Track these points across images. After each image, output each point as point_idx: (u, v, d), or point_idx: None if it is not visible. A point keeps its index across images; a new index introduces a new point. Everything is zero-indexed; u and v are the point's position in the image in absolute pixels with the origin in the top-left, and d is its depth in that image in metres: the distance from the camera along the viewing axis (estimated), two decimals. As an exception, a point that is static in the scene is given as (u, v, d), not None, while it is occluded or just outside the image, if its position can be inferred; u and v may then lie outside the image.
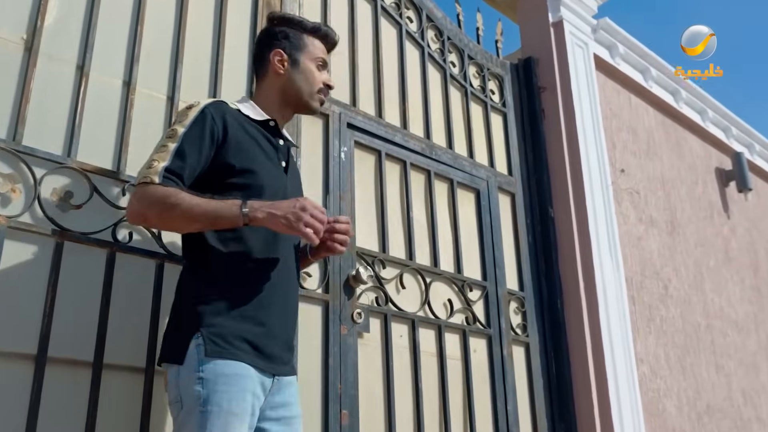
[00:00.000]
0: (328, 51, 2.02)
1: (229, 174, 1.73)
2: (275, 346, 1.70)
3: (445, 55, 3.44)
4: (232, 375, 1.55)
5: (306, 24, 1.98)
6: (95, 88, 2.11)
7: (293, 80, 1.92)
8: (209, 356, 1.56)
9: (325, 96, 1.99)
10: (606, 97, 4.12)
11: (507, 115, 3.69)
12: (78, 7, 2.14)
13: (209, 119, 1.72)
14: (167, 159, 1.64)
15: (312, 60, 1.94)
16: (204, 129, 1.71)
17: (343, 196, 2.69)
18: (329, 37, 2.01)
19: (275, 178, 1.82)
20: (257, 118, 1.87)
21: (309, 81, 1.93)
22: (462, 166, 3.28)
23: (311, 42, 1.96)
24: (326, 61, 1.98)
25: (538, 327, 3.34)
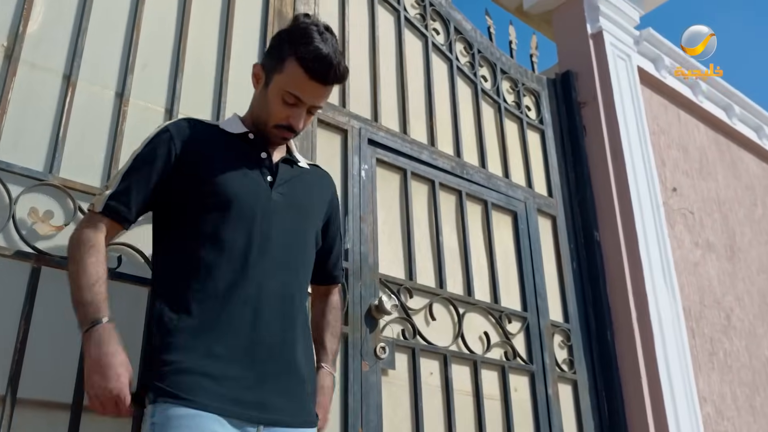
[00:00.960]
0: (326, 82, 1.55)
1: (195, 186, 1.53)
2: (260, 390, 1.43)
3: (475, 68, 3.20)
4: (186, 416, 1.31)
5: (305, 45, 1.51)
6: (83, 99, 1.91)
7: (259, 103, 1.64)
8: (161, 398, 1.33)
9: (287, 136, 1.62)
10: (652, 112, 3.82)
11: (545, 133, 3.41)
12: (67, 13, 1.96)
13: (166, 137, 1.56)
14: (114, 184, 1.52)
15: (280, 89, 1.55)
16: (157, 148, 1.55)
17: (364, 218, 2.44)
18: (320, 72, 1.51)
19: (251, 192, 1.56)
20: (234, 132, 1.65)
21: (269, 113, 1.59)
22: (497, 187, 3.01)
23: (291, 69, 1.53)
24: (300, 100, 1.55)
25: (586, 362, 3.00)
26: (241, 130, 1.64)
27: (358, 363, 2.22)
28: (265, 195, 1.58)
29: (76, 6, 1.98)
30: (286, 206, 1.62)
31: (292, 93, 1.54)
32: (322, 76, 1.53)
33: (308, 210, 1.70)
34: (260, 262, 1.52)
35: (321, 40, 1.53)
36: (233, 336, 1.44)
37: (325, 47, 1.52)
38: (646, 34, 3.82)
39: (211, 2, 2.31)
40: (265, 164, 1.63)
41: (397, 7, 2.95)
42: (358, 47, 2.73)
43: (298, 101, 1.56)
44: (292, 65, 1.53)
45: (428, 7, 3.09)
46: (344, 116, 2.53)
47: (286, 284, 1.57)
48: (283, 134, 1.61)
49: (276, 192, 1.60)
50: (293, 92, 1.54)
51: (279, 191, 1.61)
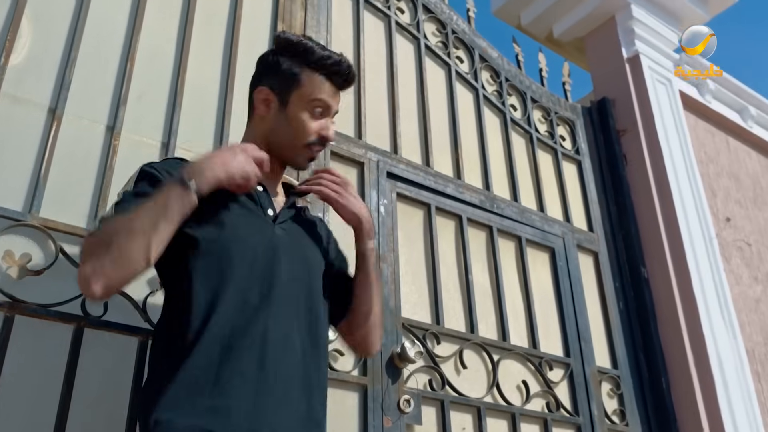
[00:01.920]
0: (339, 89, 1.50)
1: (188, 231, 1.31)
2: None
3: (503, 97, 3.01)
4: None
5: (311, 53, 1.45)
6: (69, 133, 1.76)
7: (277, 128, 1.46)
8: None
9: (320, 149, 1.50)
10: (699, 139, 3.56)
11: (582, 163, 3.18)
12: (55, 43, 1.84)
13: (155, 172, 1.35)
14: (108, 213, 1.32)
15: (306, 103, 1.44)
16: (150, 181, 1.33)
17: (384, 257, 2.22)
18: (339, 73, 1.47)
19: (252, 228, 1.37)
20: None
21: (296, 131, 1.45)
22: (531, 221, 2.77)
23: (310, 79, 1.45)
24: (329, 105, 1.47)
25: (639, 413, 2.69)
26: None
27: (379, 419, 1.98)
28: (265, 232, 1.39)
29: (65, 36, 1.86)
30: (290, 241, 1.43)
31: (320, 99, 1.45)
32: (341, 80, 1.49)
33: (313, 251, 1.50)
34: (267, 305, 1.32)
35: (320, 47, 1.48)
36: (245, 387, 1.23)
37: (331, 52, 1.48)
38: (687, 57, 3.59)
39: (214, 31, 2.17)
40: (264, 199, 1.44)
41: (416, 35, 2.79)
42: (374, 76, 2.56)
43: (326, 108, 1.47)
44: (310, 75, 1.45)
45: (450, 35, 2.93)
46: (360, 148, 2.35)
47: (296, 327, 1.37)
48: (313, 152, 1.49)
49: (279, 228, 1.42)
50: (321, 98, 1.45)
51: (281, 227, 1.43)
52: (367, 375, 2.01)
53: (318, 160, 2.20)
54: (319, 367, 1.39)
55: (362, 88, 2.47)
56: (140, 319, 1.67)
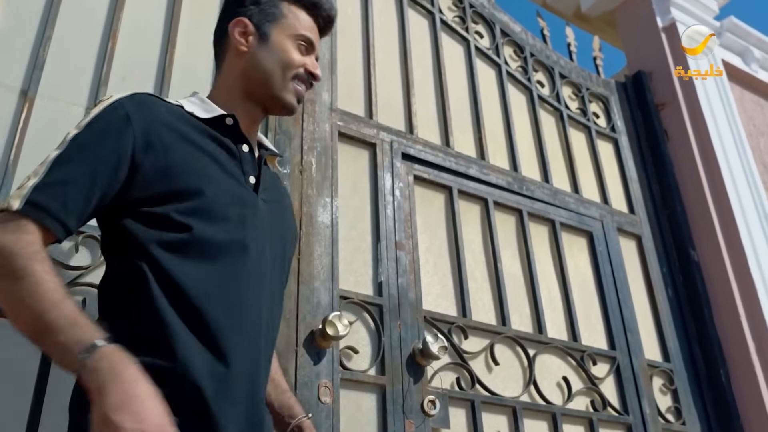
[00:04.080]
0: (321, 30, 1.37)
1: (160, 200, 1.07)
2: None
3: (529, 74, 2.78)
4: None
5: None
6: (43, 116, 1.61)
7: (259, 61, 1.27)
8: None
9: (307, 87, 1.31)
10: (746, 111, 3.28)
11: (618, 141, 2.93)
12: (28, 22, 1.68)
13: (120, 119, 1.08)
14: (39, 174, 1.01)
15: (289, 36, 1.29)
16: (108, 134, 1.06)
17: (401, 244, 2.02)
18: (320, 7, 1.35)
19: (236, 199, 1.14)
20: (205, 116, 1.21)
21: (281, 61, 1.27)
22: (565, 204, 2.54)
23: (292, 12, 1.31)
24: (312, 43, 1.32)
25: (697, 410, 2.42)
26: (216, 113, 1.23)
27: (400, 422, 1.76)
28: (248, 203, 1.17)
29: (40, 12, 1.71)
30: (272, 221, 1.22)
31: (304, 35, 1.31)
32: (324, 20, 1.37)
33: (285, 227, 1.30)
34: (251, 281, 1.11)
35: None
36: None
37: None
38: (729, 24, 3.32)
39: (205, 3, 2.00)
40: (247, 160, 1.22)
41: (431, 9, 2.59)
42: (385, 52, 2.37)
43: (310, 45, 1.32)
44: (292, 10, 1.32)
45: (468, 9, 2.72)
46: (371, 128, 2.15)
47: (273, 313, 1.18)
48: (299, 92, 1.30)
49: (262, 201, 1.21)
50: (305, 34, 1.31)
51: (264, 200, 1.22)
52: (386, 374, 1.80)
53: (324, 141, 2.02)
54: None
55: (372, 64, 2.28)
56: (124, 316, 1.48)
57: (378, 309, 1.87)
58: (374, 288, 1.91)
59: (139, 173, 1.06)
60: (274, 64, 1.26)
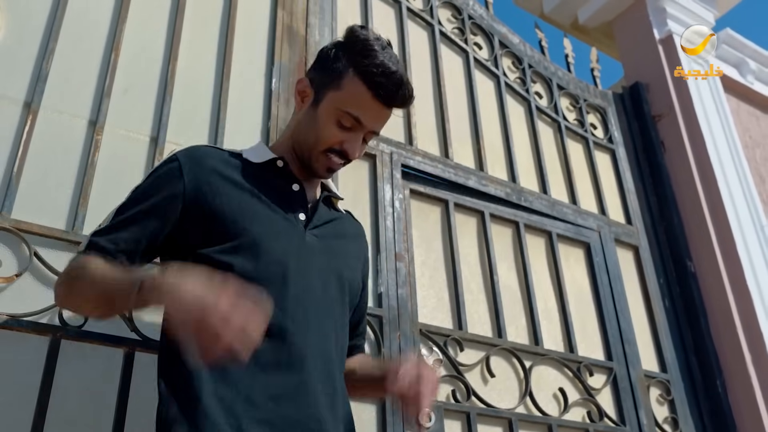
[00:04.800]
0: (387, 106, 1.25)
1: (208, 241, 1.16)
2: None
3: (527, 85, 2.81)
4: None
5: (364, 55, 1.23)
6: (47, 128, 1.62)
7: (303, 124, 1.29)
8: None
9: (335, 166, 1.27)
10: (742, 122, 3.30)
11: (616, 152, 2.95)
12: (31, 35, 1.70)
13: (173, 167, 1.22)
14: (105, 221, 1.21)
15: (335, 109, 1.23)
16: (162, 179, 1.21)
17: (399, 256, 2.03)
18: (385, 87, 1.22)
19: (280, 234, 1.20)
20: (258, 161, 1.29)
21: (316, 134, 1.25)
22: (563, 215, 2.56)
23: (353, 84, 1.23)
24: (361, 123, 1.23)
25: (693, 420, 2.44)
26: (268, 157, 1.29)
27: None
28: (294, 238, 1.21)
29: (43, 25, 1.72)
30: (323, 250, 1.25)
31: (351, 114, 1.23)
32: (389, 95, 1.23)
33: (347, 258, 1.32)
34: (297, 316, 1.15)
35: (387, 55, 1.24)
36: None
37: (392, 64, 1.23)
38: (725, 36, 3.34)
39: (208, 17, 2.02)
40: (297, 199, 1.27)
41: (430, 21, 2.61)
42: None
43: (357, 124, 1.24)
44: (354, 81, 1.23)
45: (467, 20, 2.74)
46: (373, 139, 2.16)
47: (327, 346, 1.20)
48: (331, 163, 1.27)
49: (310, 234, 1.24)
50: (353, 113, 1.23)
51: (313, 233, 1.25)
52: (384, 385, 1.81)
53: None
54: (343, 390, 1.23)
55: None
56: (126, 328, 1.50)
57: (378, 320, 1.89)
58: (374, 299, 1.93)
59: (189, 216, 1.18)
60: (309, 133, 1.27)
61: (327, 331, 1.20)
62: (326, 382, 1.15)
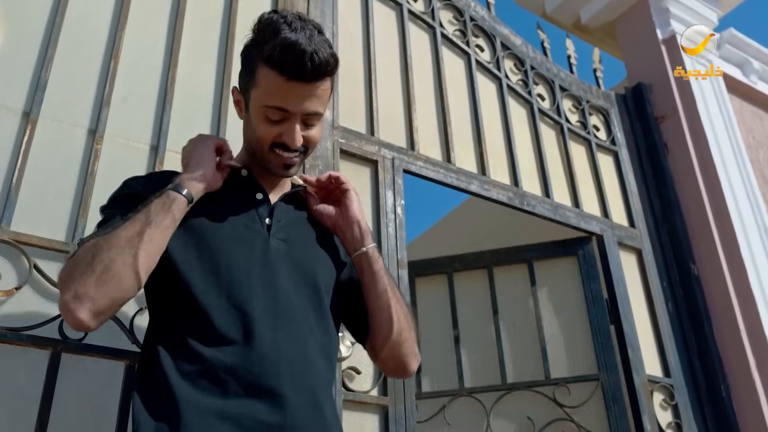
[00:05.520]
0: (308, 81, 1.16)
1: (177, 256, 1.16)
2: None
3: (529, 87, 2.79)
4: None
5: (267, 42, 1.15)
6: (46, 137, 1.60)
7: (245, 131, 1.30)
8: None
9: (289, 161, 1.23)
10: (745, 123, 3.29)
11: (619, 154, 2.93)
12: (29, 43, 1.68)
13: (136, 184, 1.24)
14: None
15: (259, 108, 1.20)
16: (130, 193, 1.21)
17: (402, 263, 2.02)
18: (292, 71, 1.14)
19: (242, 242, 1.19)
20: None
21: (254, 137, 1.24)
22: (565, 219, 2.54)
23: (265, 77, 1.17)
24: (286, 110, 1.18)
25: (698, 425, 2.42)
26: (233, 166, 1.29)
27: (402, 443, 1.76)
28: (262, 243, 1.20)
29: (41, 33, 1.70)
30: (290, 254, 1.22)
31: (272, 106, 1.18)
32: (297, 70, 1.14)
33: (317, 255, 1.28)
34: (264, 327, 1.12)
35: (290, 29, 1.14)
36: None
37: (294, 35, 1.14)
38: (729, 36, 3.32)
39: (208, 23, 2.00)
40: (261, 206, 1.26)
41: (431, 23, 2.59)
42: (386, 68, 2.36)
43: (284, 113, 1.19)
44: (264, 72, 1.17)
45: (468, 22, 2.72)
46: (373, 145, 2.15)
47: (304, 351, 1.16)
48: (282, 158, 1.22)
49: (275, 238, 1.22)
50: (274, 104, 1.18)
51: (278, 237, 1.23)
52: (388, 395, 1.80)
53: (326, 159, 2.01)
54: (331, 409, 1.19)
55: (374, 81, 2.28)
56: (127, 341, 1.49)
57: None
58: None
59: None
60: (251, 138, 1.26)
61: (302, 336, 1.16)
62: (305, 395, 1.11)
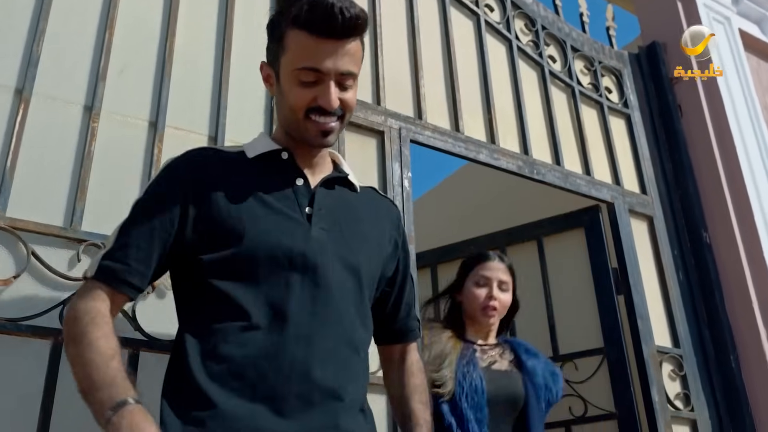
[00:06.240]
0: (338, 38, 1.13)
1: (211, 245, 1.12)
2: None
3: (540, 48, 2.69)
4: None
5: (292, 4, 1.14)
6: (40, 116, 1.54)
7: (278, 105, 1.24)
8: None
9: (326, 127, 1.16)
10: (762, 83, 3.19)
11: (631, 117, 2.85)
12: (20, 17, 1.60)
13: (174, 175, 1.17)
14: (109, 243, 1.13)
15: (290, 73, 1.15)
16: (163, 189, 1.16)
17: (411, 238, 1.97)
18: (321, 28, 1.12)
19: (283, 233, 1.13)
20: (260, 152, 1.22)
21: (288, 106, 1.17)
22: (576, 187, 2.48)
23: (293, 40, 1.14)
24: (318, 70, 1.13)
25: (706, 396, 2.41)
26: (270, 148, 1.22)
27: (410, 423, 1.74)
28: (298, 236, 1.14)
29: (32, 6, 1.62)
30: (332, 244, 1.17)
31: (305, 67, 1.14)
32: (326, 26, 1.11)
33: (360, 247, 1.22)
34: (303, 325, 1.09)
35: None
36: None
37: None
38: (747, -9, 3.20)
39: (205, -10, 1.91)
40: (301, 191, 1.19)
41: (439, -17, 2.48)
42: (392, 34, 2.27)
43: (318, 74, 1.14)
44: (292, 34, 1.14)
45: (478, -20, 2.61)
46: (379, 115, 2.08)
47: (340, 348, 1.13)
48: (318, 125, 1.16)
49: (316, 228, 1.16)
50: (305, 65, 1.13)
51: (320, 226, 1.17)
52: (396, 375, 1.78)
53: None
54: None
55: (379, 48, 2.19)
56: (130, 327, 1.46)
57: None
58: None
59: (188, 222, 1.13)
60: (284, 109, 1.20)
61: (345, 334, 1.14)
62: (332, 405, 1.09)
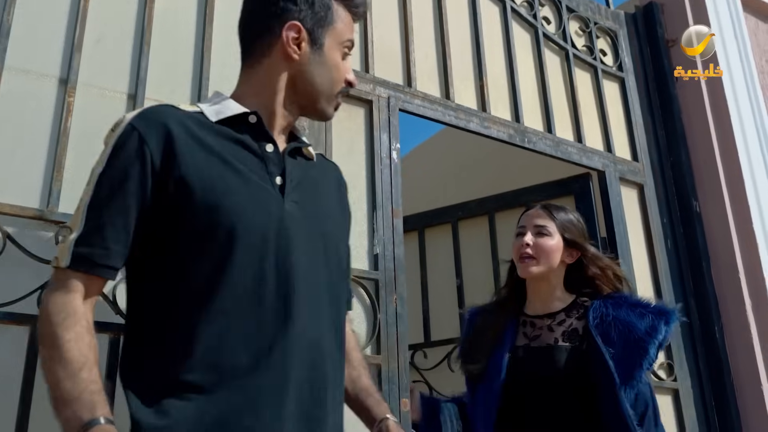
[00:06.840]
0: (359, 20, 1.32)
1: (182, 217, 1.05)
2: None
3: (534, 9, 2.61)
4: None
5: None
6: (12, 90, 1.48)
7: (311, 73, 1.19)
8: None
9: (344, 97, 1.27)
10: (760, 45, 3.12)
11: (625, 81, 2.79)
12: (-12, -18, 1.51)
13: (136, 143, 1.06)
14: (78, 224, 1.04)
15: (339, 44, 1.21)
16: (126, 158, 1.05)
17: (396, 212, 1.94)
18: (360, 11, 1.27)
19: (258, 207, 1.08)
20: (227, 115, 1.14)
21: (333, 79, 1.21)
22: (567, 155, 2.44)
23: (340, 15, 1.22)
24: (352, 45, 1.26)
25: (689, 366, 2.44)
26: (239, 110, 1.15)
27: (396, 401, 1.75)
28: (272, 209, 1.09)
29: (0, -30, 1.53)
30: (304, 218, 1.13)
31: (349, 40, 1.24)
32: (363, 11, 1.28)
33: (330, 220, 1.21)
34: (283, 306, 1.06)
35: None
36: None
37: None
38: (748, -48, 3.09)
39: (185, -49, 1.82)
40: (273, 161, 1.14)
41: (431, -60, 2.38)
42: None
43: (351, 48, 1.26)
44: (339, 9, 1.23)
45: (471, -63, 2.50)
46: (368, 83, 2.02)
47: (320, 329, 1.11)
48: (339, 102, 1.26)
49: (289, 201, 1.12)
50: (352, 38, 1.25)
51: (292, 198, 1.13)
52: (381, 353, 1.78)
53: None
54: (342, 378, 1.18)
55: (369, 13, 2.11)
56: (110, 311, 1.43)
57: (374, 284, 1.82)
58: (370, 261, 1.85)
59: (160, 187, 1.05)
60: (325, 79, 1.20)
61: (320, 314, 1.11)
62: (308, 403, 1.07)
